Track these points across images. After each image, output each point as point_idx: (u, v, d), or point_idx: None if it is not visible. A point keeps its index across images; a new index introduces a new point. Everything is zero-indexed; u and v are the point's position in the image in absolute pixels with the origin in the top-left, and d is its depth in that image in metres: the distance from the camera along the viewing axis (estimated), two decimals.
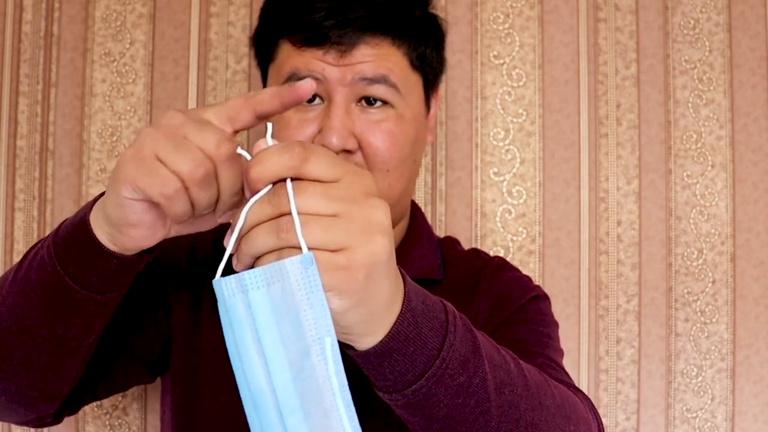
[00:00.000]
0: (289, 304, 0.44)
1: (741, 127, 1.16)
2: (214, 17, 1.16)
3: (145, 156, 0.50)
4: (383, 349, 0.49)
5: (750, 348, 1.14)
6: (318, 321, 0.44)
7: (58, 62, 1.15)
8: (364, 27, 0.76)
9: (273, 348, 0.44)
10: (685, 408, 1.14)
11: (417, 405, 0.52)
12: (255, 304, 0.44)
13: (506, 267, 0.91)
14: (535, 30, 1.17)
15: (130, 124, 1.15)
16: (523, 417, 0.56)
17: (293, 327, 0.44)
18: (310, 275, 0.43)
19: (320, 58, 0.76)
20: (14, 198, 1.14)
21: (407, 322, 0.50)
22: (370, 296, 0.46)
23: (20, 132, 1.14)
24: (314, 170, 0.45)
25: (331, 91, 0.76)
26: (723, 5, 1.17)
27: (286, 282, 0.43)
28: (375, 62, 0.76)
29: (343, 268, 0.45)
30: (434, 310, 0.52)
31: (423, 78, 0.82)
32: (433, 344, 0.51)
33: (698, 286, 1.15)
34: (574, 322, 1.13)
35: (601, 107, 1.16)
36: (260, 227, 0.45)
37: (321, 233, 0.44)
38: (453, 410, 0.53)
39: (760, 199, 1.15)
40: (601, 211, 1.15)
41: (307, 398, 0.45)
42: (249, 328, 0.45)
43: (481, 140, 1.15)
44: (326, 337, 0.44)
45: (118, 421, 1.11)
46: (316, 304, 0.44)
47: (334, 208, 0.45)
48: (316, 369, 0.44)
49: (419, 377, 0.51)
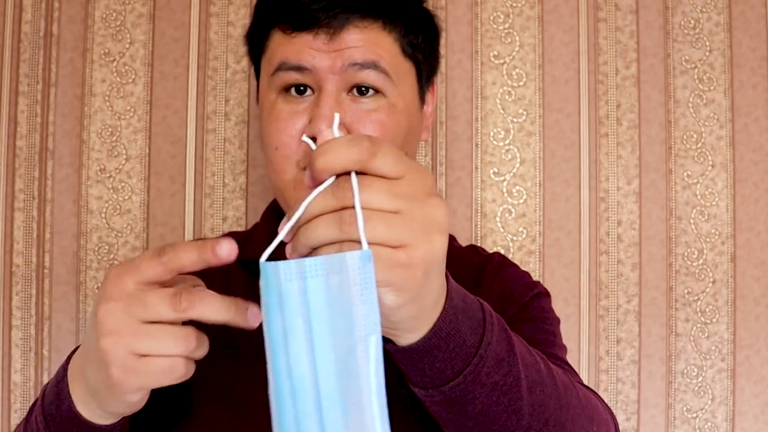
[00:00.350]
0: (344, 297, 0.44)
1: (741, 127, 1.16)
2: (214, 17, 1.16)
3: (128, 360, 0.50)
4: (425, 346, 0.50)
5: (750, 348, 1.14)
6: (368, 318, 0.44)
7: (57, 62, 1.14)
8: (353, 9, 0.74)
9: (323, 339, 0.44)
10: (686, 408, 1.13)
11: (453, 401, 0.52)
12: (312, 292, 0.44)
13: (507, 263, 0.90)
14: (535, 30, 1.16)
15: (130, 124, 1.15)
16: (552, 416, 0.56)
17: (345, 321, 0.44)
18: (367, 272, 0.44)
19: (310, 43, 0.74)
20: (14, 198, 1.14)
21: (449, 320, 0.50)
22: (424, 294, 0.47)
23: (20, 132, 1.14)
24: (380, 166, 0.45)
25: (320, 81, 0.74)
26: (723, 5, 1.17)
27: (344, 275, 0.44)
28: (364, 47, 0.73)
29: (403, 265, 0.45)
30: (472, 308, 0.53)
31: (416, 67, 0.80)
32: (472, 342, 0.51)
33: (698, 286, 1.15)
34: (575, 322, 1.13)
35: (601, 107, 1.16)
36: (322, 218, 0.45)
37: (384, 229, 0.44)
38: (487, 407, 0.53)
39: (761, 199, 1.15)
40: (602, 211, 1.15)
41: (348, 394, 0.44)
42: (301, 316, 0.44)
43: (481, 140, 1.15)
44: (372, 335, 0.44)
45: None
46: (368, 301, 0.44)
47: (397, 205, 0.45)
48: (359, 365, 0.44)
49: (457, 374, 0.51)
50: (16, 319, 1.12)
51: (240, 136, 1.15)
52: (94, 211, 1.14)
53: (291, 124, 0.74)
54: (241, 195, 1.14)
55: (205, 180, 1.14)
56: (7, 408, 1.12)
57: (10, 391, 1.12)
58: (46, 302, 1.13)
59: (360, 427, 0.45)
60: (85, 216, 1.14)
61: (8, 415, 1.12)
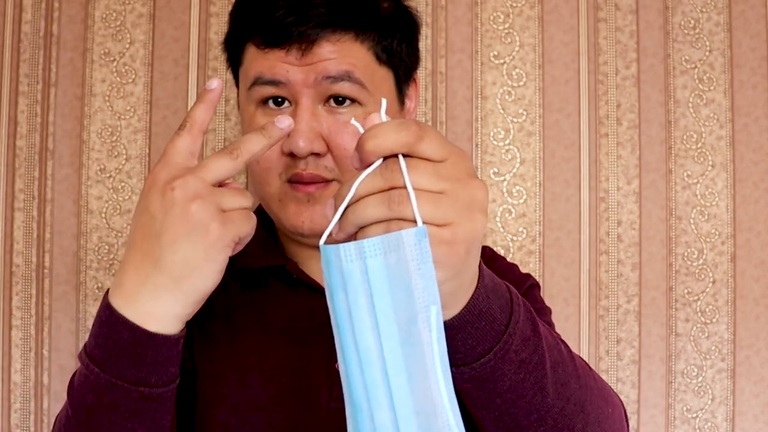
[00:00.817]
0: (402, 273, 0.46)
1: (741, 127, 1.16)
2: (213, 17, 1.16)
3: (219, 215, 0.55)
4: (459, 322, 0.52)
5: (750, 348, 1.14)
6: (426, 290, 0.47)
7: (57, 62, 1.14)
8: (324, 23, 0.74)
9: (385, 313, 0.47)
10: (686, 408, 1.13)
11: (483, 378, 0.55)
12: (372, 271, 0.47)
13: (496, 256, 0.92)
14: (535, 30, 1.16)
15: (130, 124, 1.15)
16: (573, 395, 0.59)
17: (405, 294, 0.47)
18: (423, 247, 0.46)
19: (283, 59, 0.75)
20: (14, 198, 1.14)
21: (481, 298, 0.53)
22: (464, 270, 0.49)
23: (20, 132, 1.14)
24: (426, 149, 0.47)
25: (296, 94, 0.75)
26: (723, 5, 1.17)
27: (401, 252, 0.46)
28: (337, 59, 0.74)
29: (447, 243, 0.47)
30: (501, 289, 0.56)
31: (393, 72, 0.80)
32: (501, 320, 0.54)
33: (698, 286, 1.15)
34: (575, 322, 1.13)
35: (601, 107, 1.16)
36: (370, 198, 0.47)
37: (430, 209, 0.46)
38: (515, 385, 0.55)
39: (761, 199, 1.15)
40: (602, 211, 1.15)
41: (412, 362, 0.47)
42: (364, 293, 0.47)
43: (481, 140, 1.15)
44: (432, 306, 0.47)
45: None
46: (426, 274, 0.46)
47: (442, 186, 0.47)
48: (421, 335, 0.47)
49: (488, 351, 0.53)
50: (16, 319, 1.12)
51: (240, 136, 1.15)
52: (94, 211, 1.14)
53: None
54: None
55: None
56: (7, 408, 1.12)
57: (10, 391, 1.12)
58: (46, 302, 1.13)
59: (425, 391, 0.48)
60: (85, 216, 1.14)
61: (8, 415, 1.12)
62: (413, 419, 0.48)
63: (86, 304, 1.13)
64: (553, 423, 0.58)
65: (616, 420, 0.67)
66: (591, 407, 0.61)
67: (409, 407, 0.48)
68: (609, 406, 0.64)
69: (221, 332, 0.80)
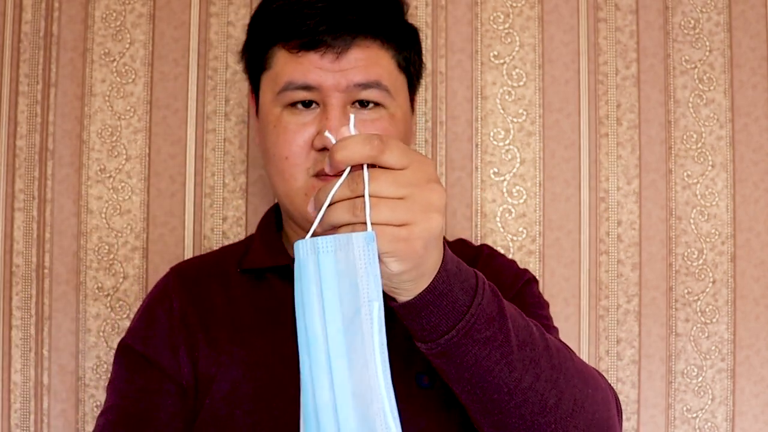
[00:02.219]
0: (349, 269, 0.53)
1: (741, 127, 1.16)
2: (214, 17, 1.16)
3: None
4: (421, 302, 0.59)
5: (750, 348, 1.14)
6: (370, 287, 0.53)
7: (57, 62, 1.14)
8: (356, 29, 0.80)
9: (331, 302, 0.54)
10: (686, 408, 1.13)
11: (449, 354, 0.61)
12: (323, 265, 0.54)
13: (495, 254, 0.97)
14: (535, 30, 1.16)
15: (130, 124, 1.15)
16: (543, 373, 0.64)
17: (350, 288, 0.53)
18: (371, 250, 0.53)
19: (316, 63, 0.79)
20: (14, 198, 1.14)
21: (441, 281, 0.59)
22: (423, 263, 0.56)
23: (20, 132, 1.14)
24: (389, 159, 0.54)
25: (326, 97, 0.80)
26: (723, 5, 1.17)
27: (350, 251, 0.53)
28: (367, 67, 0.80)
29: (404, 240, 0.54)
30: (467, 275, 0.62)
31: (407, 79, 0.87)
32: (463, 302, 0.60)
33: (698, 286, 1.15)
34: (575, 322, 1.13)
35: (601, 107, 1.16)
36: (339, 204, 0.55)
37: (388, 212, 0.54)
38: (480, 360, 0.61)
39: (761, 199, 1.15)
40: (602, 211, 1.15)
41: (352, 349, 0.53)
42: (315, 283, 0.54)
43: (481, 140, 1.15)
44: (375, 302, 0.53)
45: None
46: (371, 274, 0.53)
47: (401, 192, 0.54)
48: (363, 325, 0.53)
49: (451, 328, 0.60)
50: (16, 319, 1.12)
51: (240, 136, 1.15)
52: (94, 211, 1.14)
53: (299, 135, 0.81)
54: (241, 195, 1.14)
55: (205, 180, 1.14)
56: (7, 408, 1.12)
57: (10, 391, 1.12)
58: (46, 302, 1.13)
59: (363, 376, 0.53)
60: (85, 216, 1.14)
61: (8, 415, 1.12)
62: (350, 401, 0.53)
63: (86, 304, 1.13)
64: (524, 397, 0.63)
65: (599, 402, 0.69)
66: (565, 385, 0.66)
67: (347, 389, 0.53)
68: (589, 387, 0.68)
69: (229, 335, 0.84)
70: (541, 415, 0.64)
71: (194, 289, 0.88)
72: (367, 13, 0.81)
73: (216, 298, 0.87)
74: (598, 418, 0.69)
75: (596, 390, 0.69)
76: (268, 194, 1.14)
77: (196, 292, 0.88)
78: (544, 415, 0.65)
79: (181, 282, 0.89)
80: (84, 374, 1.12)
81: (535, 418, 0.64)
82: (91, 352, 1.12)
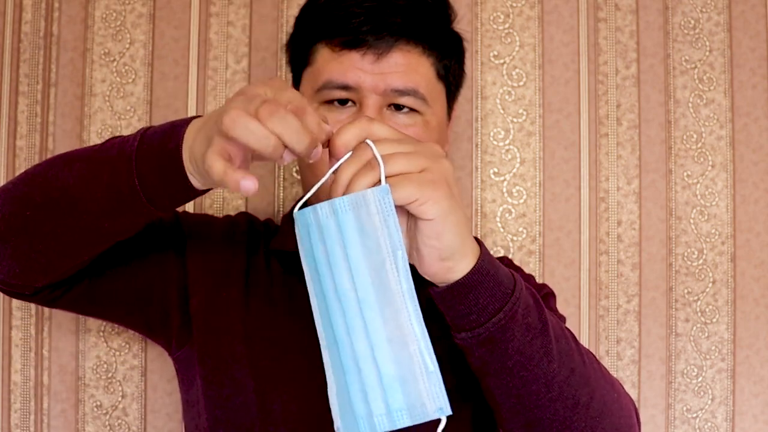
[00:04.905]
0: (370, 225, 0.56)
1: (741, 127, 1.16)
2: (213, 17, 1.16)
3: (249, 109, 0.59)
4: (471, 281, 0.60)
5: (750, 348, 1.14)
6: (391, 238, 0.56)
7: (57, 62, 1.14)
8: (399, 32, 0.80)
9: (357, 258, 0.57)
10: (686, 408, 1.14)
11: (495, 340, 0.62)
12: (344, 224, 0.57)
13: (512, 267, 0.95)
14: (535, 30, 1.16)
15: (130, 124, 1.15)
16: (576, 368, 0.65)
17: (373, 242, 0.56)
18: (386, 203, 0.56)
19: (356, 64, 0.79)
20: None
21: (488, 261, 0.61)
22: (456, 204, 0.59)
23: (20, 132, 1.14)
24: (379, 131, 0.59)
25: (363, 98, 0.80)
26: (723, 5, 1.17)
27: (368, 207, 0.56)
28: (405, 73, 0.80)
29: (431, 181, 0.57)
30: (503, 267, 0.64)
31: (446, 88, 0.87)
32: (507, 284, 0.62)
33: (698, 286, 1.15)
34: (575, 322, 1.13)
35: (601, 107, 1.16)
36: (359, 172, 0.57)
37: (405, 162, 0.57)
38: (524, 347, 0.62)
39: (761, 199, 1.15)
40: (602, 211, 1.15)
41: (382, 298, 0.57)
42: (338, 244, 0.57)
43: (481, 140, 1.15)
44: (398, 250, 0.56)
45: (118, 422, 1.11)
46: (391, 225, 0.56)
47: (408, 148, 0.58)
48: (389, 274, 0.56)
49: (498, 310, 0.61)
50: (16, 319, 1.12)
51: None
52: None
53: None
54: (241, 195, 1.14)
55: None
56: (7, 408, 1.12)
57: (10, 391, 1.12)
58: None
59: (396, 322, 0.56)
60: None
61: (8, 415, 1.12)
62: (386, 346, 0.56)
63: None
64: (559, 391, 0.64)
65: (624, 408, 0.70)
66: (596, 384, 0.66)
67: (382, 336, 0.57)
68: (614, 391, 0.69)
69: (258, 299, 0.85)
70: (573, 412, 0.65)
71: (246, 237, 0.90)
72: (413, 18, 0.81)
73: (254, 269, 0.88)
74: (623, 424, 0.69)
75: (621, 395, 0.70)
76: (267, 194, 1.14)
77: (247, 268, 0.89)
78: (576, 412, 0.65)
79: (247, 222, 0.92)
80: (84, 374, 1.12)
81: (567, 415, 0.65)
82: (91, 352, 1.12)
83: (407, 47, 0.80)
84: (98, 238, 0.69)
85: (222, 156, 0.56)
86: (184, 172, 0.61)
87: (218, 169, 0.55)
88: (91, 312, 0.86)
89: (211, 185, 0.62)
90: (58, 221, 0.67)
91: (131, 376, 1.12)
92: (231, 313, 0.83)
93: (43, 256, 0.70)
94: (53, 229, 0.68)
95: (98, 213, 0.66)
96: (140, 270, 0.83)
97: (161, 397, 1.12)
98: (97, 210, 0.66)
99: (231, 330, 0.83)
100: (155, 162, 0.63)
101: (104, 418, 1.11)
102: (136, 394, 1.12)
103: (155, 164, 0.63)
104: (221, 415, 0.80)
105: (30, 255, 0.70)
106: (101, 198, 0.65)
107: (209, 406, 0.81)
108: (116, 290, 0.83)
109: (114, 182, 0.64)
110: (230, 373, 0.81)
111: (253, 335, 0.82)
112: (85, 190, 0.66)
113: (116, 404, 1.11)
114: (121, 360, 1.12)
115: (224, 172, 0.55)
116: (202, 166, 0.58)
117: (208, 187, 0.63)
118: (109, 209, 0.65)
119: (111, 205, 0.65)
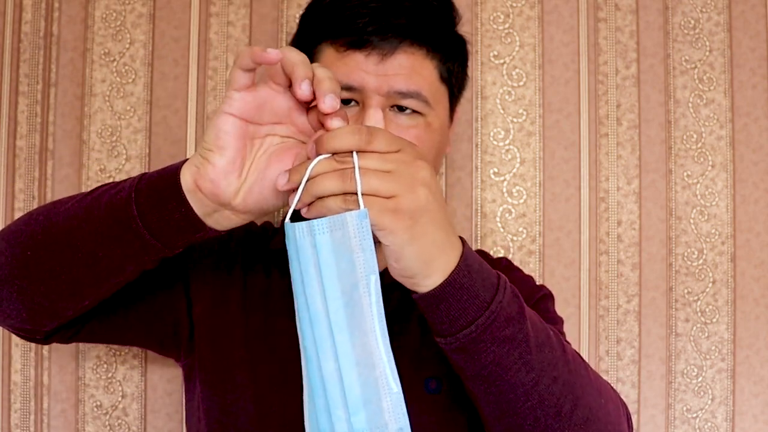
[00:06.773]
0: (346, 247, 0.56)
1: (741, 127, 1.16)
2: (213, 17, 1.16)
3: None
4: (440, 293, 0.60)
5: (750, 348, 1.14)
6: (366, 262, 0.56)
7: (57, 62, 1.14)
8: (404, 34, 0.80)
9: (330, 279, 0.57)
10: (686, 408, 1.13)
11: (467, 350, 0.62)
12: (320, 245, 0.57)
13: (513, 267, 0.96)
14: (535, 30, 1.16)
15: (130, 124, 1.15)
16: (560, 376, 0.64)
17: (347, 265, 0.57)
18: (364, 226, 0.56)
19: (360, 65, 0.79)
20: (14, 198, 1.14)
21: (462, 274, 0.60)
22: (417, 236, 0.58)
23: (20, 132, 1.14)
24: (376, 147, 0.57)
25: (366, 99, 0.80)
26: (723, 5, 1.17)
27: (345, 230, 0.56)
28: (409, 76, 0.80)
29: (391, 211, 0.56)
30: (489, 274, 0.63)
31: (449, 91, 0.87)
32: (484, 298, 0.61)
33: (698, 286, 1.15)
34: (575, 322, 1.13)
35: (601, 107, 1.16)
36: (327, 175, 0.57)
37: (377, 182, 0.56)
38: (499, 357, 0.62)
39: (761, 199, 1.15)
40: (602, 211, 1.15)
41: (353, 321, 0.57)
42: (313, 264, 0.57)
43: (481, 140, 1.15)
44: (371, 275, 0.57)
45: (118, 422, 1.11)
46: (366, 249, 0.56)
47: (388, 167, 0.57)
48: (361, 299, 0.57)
49: (470, 323, 0.61)
50: None
51: None
52: None
53: None
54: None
55: None
56: (7, 408, 1.12)
57: (10, 391, 1.12)
58: None
59: (364, 346, 0.57)
60: None
61: (8, 415, 1.12)
62: (354, 369, 0.57)
63: None
64: (539, 399, 0.63)
65: (612, 413, 0.69)
66: (581, 392, 0.66)
67: (350, 359, 0.57)
68: (602, 397, 0.68)
69: (257, 303, 0.85)
70: (555, 420, 0.64)
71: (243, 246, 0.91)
72: (418, 20, 0.81)
73: (258, 266, 0.88)
74: (611, 430, 0.69)
75: (609, 401, 0.70)
76: None
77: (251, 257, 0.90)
78: (559, 420, 0.64)
79: (245, 227, 0.92)
80: (84, 374, 1.12)
81: (549, 423, 0.64)
82: (91, 352, 1.12)
83: (411, 49, 0.80)
84: (98, 275, 0.68)
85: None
86: (182, 194, 0.62)
87: (242, 53, 0.58)
88: (107, 342, 0.87)
89: (215, 199, 0.62)
90: (57, 259, 0.67)
91: (131, 376, 1.12)
92: (231, 318, 0.84)
93: (47, 299, 0.70)
94: (53, 268, 0.67)
95: (95, 244, 0.66)
96: (152, 300, 0.84)
97: (161, 397, 1.12)
98: (93, 241, 0.65)
99: (231, 335, 0.83)
100: (153, 187, 0.63)
101: (104, 418, 1.11)
102: (136, 394, 1.12)
103: (152, 189, 0.63)
104: (220, 420, 0.80)
105: (34, 298, 0.70)
106: (98, 229, 0.65)
107: (208, 411, 0.81)
108: (129, 324, 0.83)
109: (112, 212, 0.64)
110: (230, 378, 0.81)
111: (253, 340, 0.82)
112: (83, 222, 0.66)
113: (116, 404, 1.11)
114: (121, 360, 1.12)
115: (249, 49, 0.58)
116: (218, 119, 0.60)
117: (212, 209, 0.63)
118: (106, 240, 0.65)
119: (110, 232, 0.65)
